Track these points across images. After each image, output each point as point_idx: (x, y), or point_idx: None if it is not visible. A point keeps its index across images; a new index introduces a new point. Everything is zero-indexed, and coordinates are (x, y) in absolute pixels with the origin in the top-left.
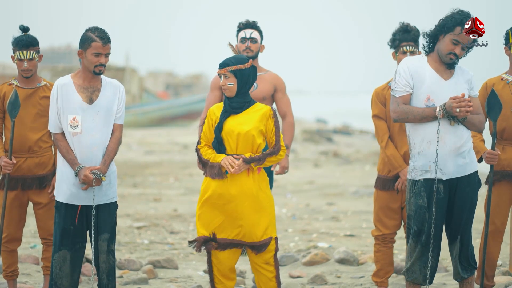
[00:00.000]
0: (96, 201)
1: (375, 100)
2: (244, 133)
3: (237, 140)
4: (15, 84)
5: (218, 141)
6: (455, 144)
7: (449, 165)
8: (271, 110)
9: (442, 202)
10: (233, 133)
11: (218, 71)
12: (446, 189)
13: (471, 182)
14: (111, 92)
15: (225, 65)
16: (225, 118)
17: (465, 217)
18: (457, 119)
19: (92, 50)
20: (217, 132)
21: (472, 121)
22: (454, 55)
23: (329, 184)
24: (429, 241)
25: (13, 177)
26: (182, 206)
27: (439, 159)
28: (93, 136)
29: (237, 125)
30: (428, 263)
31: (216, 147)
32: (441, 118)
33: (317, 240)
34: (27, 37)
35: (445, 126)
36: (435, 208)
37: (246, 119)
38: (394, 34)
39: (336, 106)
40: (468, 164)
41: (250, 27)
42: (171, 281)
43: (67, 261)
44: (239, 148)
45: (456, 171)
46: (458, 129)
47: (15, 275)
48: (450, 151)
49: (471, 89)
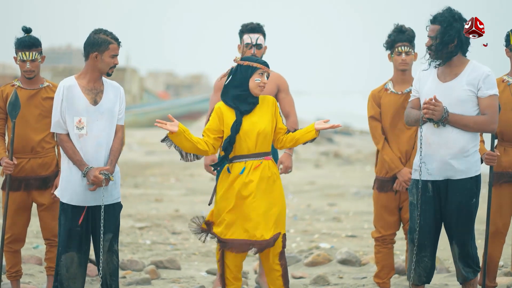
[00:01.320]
0: (103, 202)
1: (371, 101)
2: (263, 131)
3: (257, 139)
4: (17, 85)
5: (231, 142)
6: (440, 146)
7: (435, 167)
8: (274, 99)
9: (430, 201)
10: (252, 133)
11: (264, 68)
12: (435, 189)
13: (462, 187)
14: (113, 94)
15: (267, 64)
16: (241, 119)
17: (458, 221)
18: (440, 121)
19: (110, 52)
20: (233, 132)
21: (462, 122)
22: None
23: (330, 184)
24: (420, 239)
25: (16, 178)
26: (184, 206)
27: (426, 160)
28: (98, 137)
29: (252, 124)
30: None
31: (224, 147)
32: (427, 121)
33: (319, 241)
34: (29, 38)
35: (430, 128)
36: (419, 207)
37: (259, 116)
38: (389, 35)
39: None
40: (461, 169)
41: (256, 31)
42: (174, 281)
43: (75, 263)
44: (258, 146)
45: (444, 174)
46: (444, 131)
47: (18, 275)
48: (434, 152)
49: (479, 89)
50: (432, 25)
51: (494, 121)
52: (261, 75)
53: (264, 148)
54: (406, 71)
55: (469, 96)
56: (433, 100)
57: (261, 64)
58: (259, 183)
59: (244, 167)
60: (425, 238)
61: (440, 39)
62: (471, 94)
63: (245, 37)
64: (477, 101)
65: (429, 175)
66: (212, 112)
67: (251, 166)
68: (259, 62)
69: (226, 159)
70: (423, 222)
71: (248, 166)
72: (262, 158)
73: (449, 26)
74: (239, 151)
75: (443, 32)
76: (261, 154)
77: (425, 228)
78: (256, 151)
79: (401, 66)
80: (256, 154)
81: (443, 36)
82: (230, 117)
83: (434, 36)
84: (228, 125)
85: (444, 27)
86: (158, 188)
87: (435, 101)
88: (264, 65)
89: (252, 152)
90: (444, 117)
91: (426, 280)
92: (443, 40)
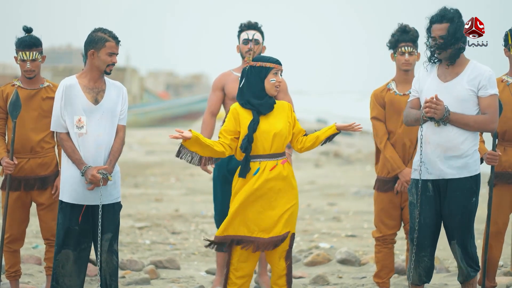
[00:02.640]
0: (102, 201)
1: (373, 102)
2: (279, 132)
3: (272, 140)
4: (17, 85)
5: (250, 141)
6: (440, 145)
7: (435, 166)
8: (289, 104)
9: (430, 200)
10: (269, 134)
11: (278, 67)
12: (435, 188)
13: (462, 186)
14: (115, 93)
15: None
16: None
17: (458, 220)
18: (441, 120)
19: (106, 50)
20: (251, 132)
21: (463, 121)
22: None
23: (330, 184)
24: (420, 239)
25: (16, 178)
26: (184, 206)
27: (426, 159)
28: (99, 136)
29: (270, 124)
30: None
31: (244, 147)
32: (428, 120)
33: (318, 241)
34: (30, 37)
35: (431, 127)
36: (419, 207)
37: (276, 118)
38: (393, 35)
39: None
40: (461, 168)
41: (253, 28)
42: (173, 281)
43: (70, 260)
44: (273, 147)
45: (444, 173)
46: (445, 130)
47: (17, 275)
48: (434, 151)
49: (480, 88)
50: (440, 24)
51: (494, 121)
52: (275, 74)
53: (279, 149)
54: (409, 71)
55: (470, 96)
56: (435, 99)
57: (274, 63)
58: (274, 184)
59: (258, 167)
60: (424, 238)
61: (453, 35)
62: (472, 94)
63: (243, 35)
64: (478, 101)
65: (429, 174)
66: (228, 113)
67: (266, 167)
68: (271, 61)
69: (248, 160)
70: (422, 222)
71: (262, 167)
72: (278, 159)
73: (460, 23)
74: (254, 151)
75: (455, 29)
76: (276, 155)
77: (425, 227)
78: (272, 151)
79: (404, 66)
80: (271, 155)
81: (455, 32)
82: (247, 117)
83: (444, 35)
84: (244, 125)
85: (456, 24)
86: (158, 187)
87: (436, 100)
88: (276, 64)
89: (267, 152)
90: (446, 116)
91: (425, 280)
92: (456, 36)
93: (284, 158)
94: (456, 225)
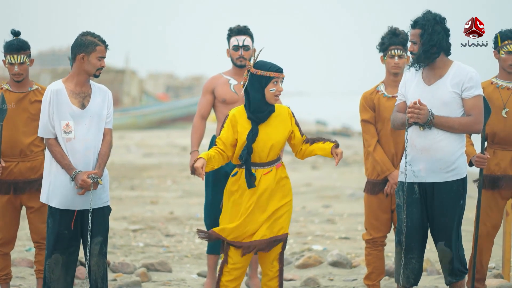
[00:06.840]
0: (92, 205)
1: (363, 104)
2: (276, 143)
3: (269, 151)
4: (5, 88)
5: (249, 153)
6: (426, 149)
7: (421, 169)
8: (289, 109)
9: (417, 203)
10: (266, 145)
11: (278, 75)
12: (422, 191)
13: (449, 189)
14: (101, 97)
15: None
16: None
17: (445, 223)
18: (425, 124)
19: (97, 54)
20: (249, 142)
21: (447, 124)
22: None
23: (326, 186)
24: (408, 241)
25: (5, 181)
26: (179, 208)
27: (412, 162)
28: (86, 141)
29: (267, 135)
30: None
31: (244, 158)
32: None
33: (311, 243)
34: (17, 41)
35: (416, 131)
36: (405, 209)
37: (274, 127)
38: (383, 38)
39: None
40: (448, 171)
41: (242, 33)
42: (164, 284)
43: (59, 264)
44: (270, 156)
45: (429, 176)
46: (430, 133)
47: (8, 278)
48: (420, 155)
49: (463, 90)
50: (413, 30)
51: (479, 122)
52: (276, 83)
53: (275, 156)
54: (398, 75)
55: (454, 98)
56: (417, 104)
57: (275, 71)
58: (267, 188)
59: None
60: (412, 240)
61: (422, 44)
62: (456, 96)
63: (232, 40)
64: (462, 102)
65: (415, 177)
66: (227, 120)
67: (261, 173)
68: (272, 69)
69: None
70: (410, 224)
71: (258, 175)
72: (272, 165)
73: (431, 29)
74: (257, 159)
75: (424, 36)
76: (271, 163)
77: (412, 230)
78: (268, 160)
79: (393, 70)
80: (267, 163)
81: (425, 40)
82: (244, 125)
83: (415, 41)
84: (241, 134)
85: (425, 31)
86: (154, 190)
87: (419, 104)
88: (277, 72)
89: (263, 161)
90: (430, 120)
91: (414, 282)
92: (426, 44)
93: (279, 163)
94: (443, 228)
